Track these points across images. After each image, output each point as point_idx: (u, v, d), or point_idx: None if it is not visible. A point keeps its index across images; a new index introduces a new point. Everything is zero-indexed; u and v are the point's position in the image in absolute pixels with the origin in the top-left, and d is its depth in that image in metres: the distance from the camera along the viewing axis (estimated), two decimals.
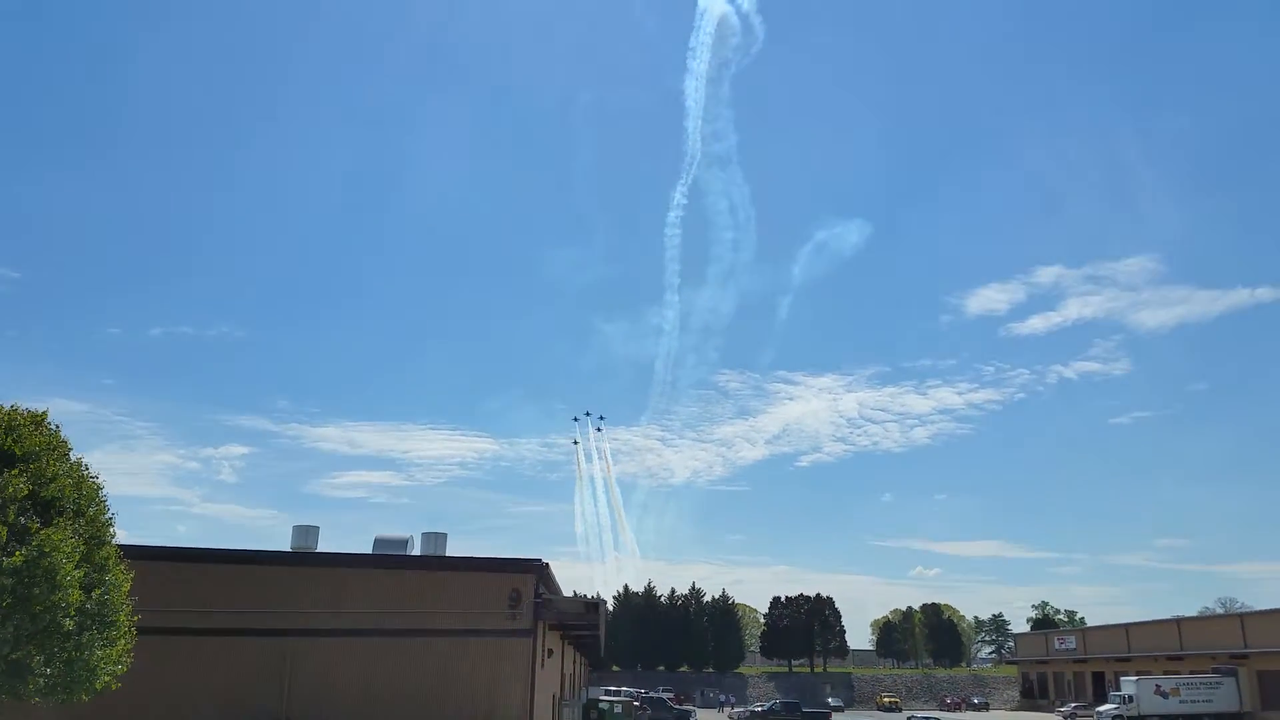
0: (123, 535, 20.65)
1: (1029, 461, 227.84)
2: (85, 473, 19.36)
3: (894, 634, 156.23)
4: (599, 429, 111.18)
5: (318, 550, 38.08)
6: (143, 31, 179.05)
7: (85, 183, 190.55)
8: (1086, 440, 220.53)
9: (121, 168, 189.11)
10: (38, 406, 18.11)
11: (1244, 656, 79.34)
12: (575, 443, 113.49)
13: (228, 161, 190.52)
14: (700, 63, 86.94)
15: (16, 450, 16.78)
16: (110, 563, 19.29)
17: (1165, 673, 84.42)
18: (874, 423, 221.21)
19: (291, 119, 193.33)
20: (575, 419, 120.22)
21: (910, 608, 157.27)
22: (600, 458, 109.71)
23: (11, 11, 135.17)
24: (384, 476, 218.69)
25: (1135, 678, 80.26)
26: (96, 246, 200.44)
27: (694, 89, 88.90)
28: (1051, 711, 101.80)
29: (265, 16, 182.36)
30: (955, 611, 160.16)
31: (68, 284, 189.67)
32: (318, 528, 39.01)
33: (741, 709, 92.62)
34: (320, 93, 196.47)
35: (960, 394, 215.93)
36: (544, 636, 37.11)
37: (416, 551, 38.61)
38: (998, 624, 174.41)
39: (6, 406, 18.22)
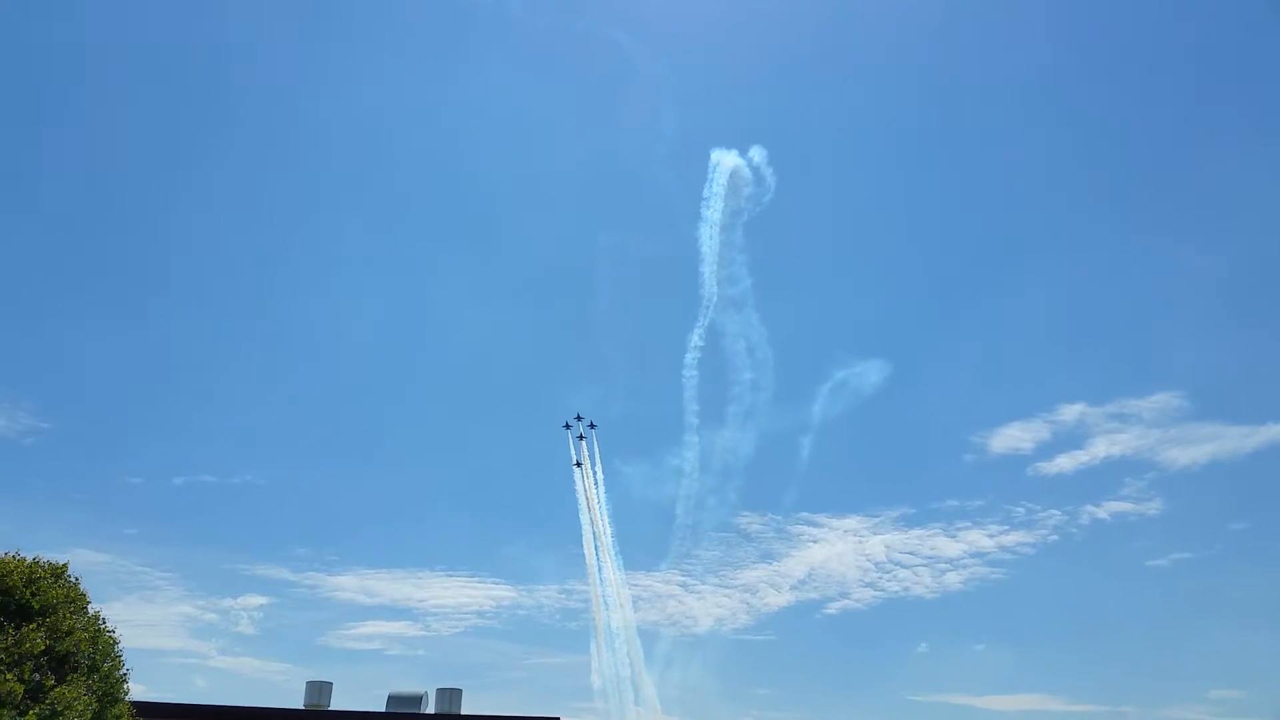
0: (140, 690, 20.26)
1: (1068, 607, 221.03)
2: (102, 626, 19.21)
3: None
4: (592, 427, 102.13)
5: (330, 709, 36.99)
6: (173, 182, 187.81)
7: (117, 327, 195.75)
8: (1125, 584, 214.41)
9: (153, 313, 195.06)
10: (59, 558, 18.19)
11: None
12: (577, 465, 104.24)
13: (254, 310, 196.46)
14: (714, 211, 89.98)
15: (35, 604, 16.74)
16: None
17: None
18: (904, 567, 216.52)
19: (316, 268, 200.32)
20: (566, 425, 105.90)
21: None
22: (601, 518, 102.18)
23: (45, 161, 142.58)
24: (400, 627, 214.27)
25: None
26: (125, 393, 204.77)
27: (708, 236, 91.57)
28: None
29: (294, 165, 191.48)
30: None
31: (95, 433, 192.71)
32: (331, 684, 38.00)
33: None
34: (345, 242, 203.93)
35: (991, 536, 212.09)
36: None
37: (431, 708, 37.42)
38: None
39: (28, 559, 18.29)
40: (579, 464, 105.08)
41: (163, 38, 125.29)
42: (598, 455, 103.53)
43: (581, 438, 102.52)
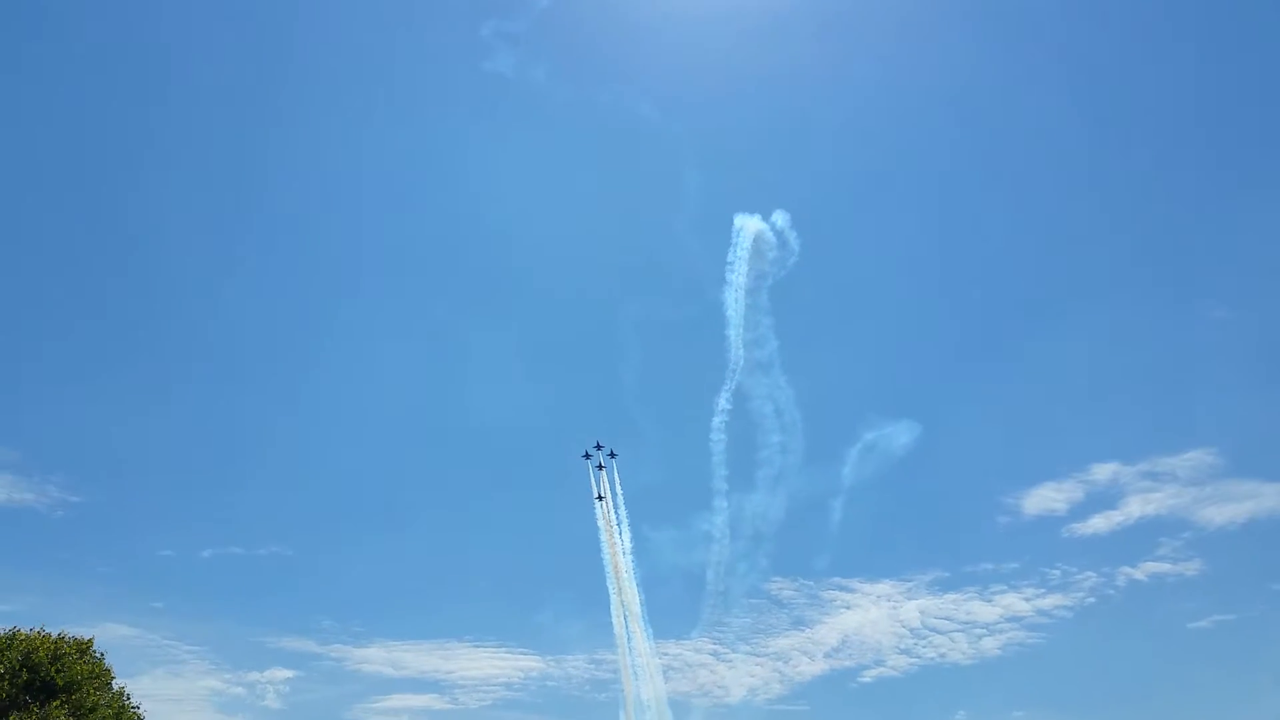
0: None
1: (1109, 672, 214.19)
2: (126, 702, 19.15)
3: None
4: (612, 456, 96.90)
5: None
6: (206, 255, 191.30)
7: (147, 399, 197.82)
8: (1166, 646, 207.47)
9: (181, 385, 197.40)
10: (86, 633, 18.22)
11: None
12: (599, 499, 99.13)
13: (283, 381, 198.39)
14: (739, 275, 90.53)
15: (59, 680, 16.72)
16: None
17: None
18: (939, 633, 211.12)
19: (346, 339, 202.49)
20: (585, 455, 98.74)
21: None
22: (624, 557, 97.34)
23: (83, 235, 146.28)
24: (427, 700, 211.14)
25: None
26: (155, 465, 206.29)
27: (734, 300, 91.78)
28: None
29: (326, 237, 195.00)
30: None
31: (124, 506, 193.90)
32: None
33: None
34: (376, 313, 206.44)
35: (1027, 600, 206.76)
36: None
37: None
38: None
39: (54, 635, 18.32)
40: (600, 497, 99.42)
41: (199, 114, 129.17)
42: (619, 487, 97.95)
43: (601, 467, 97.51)
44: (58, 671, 16.69)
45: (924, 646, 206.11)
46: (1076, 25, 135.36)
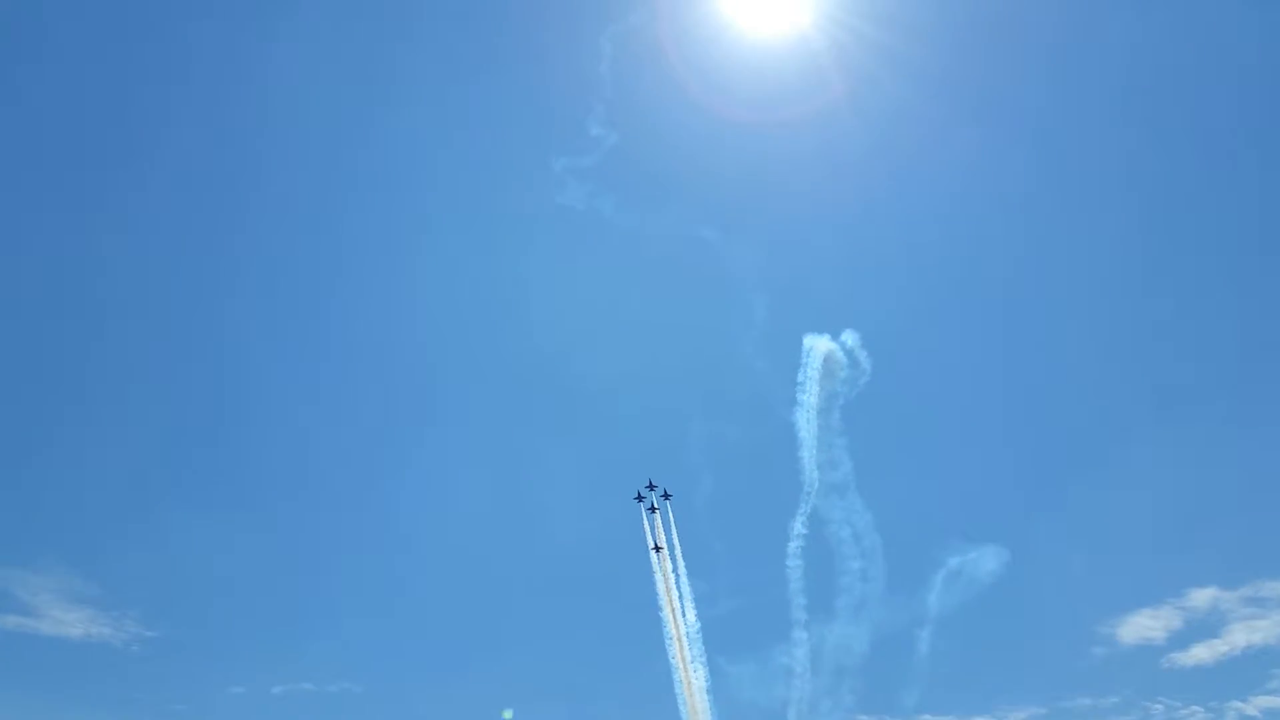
0: None
1: None
2: None
3: None
4: (666, 498, 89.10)
5: None
6: (287, 385, 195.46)
7: (224, 532, 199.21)
8: None
9: (256, 517, 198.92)
10: None
11: None
12: (656, 549, 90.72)
13: (357, 513, 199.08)
14: (810, 396, 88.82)
15: None
16: None
17: None
18: None
19: (421, 467, 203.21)
20: (638, 497, 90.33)
21: None
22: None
23: (168, 376, 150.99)
24: None
25: None
26: (230, 599, 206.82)
27: (806, 420, 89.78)
28: None
29: (402, 361, 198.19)
30: None
31: (199, 640, 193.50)
32: None
33: None
34: (450, 439, 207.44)
35: None
36: None
37: None
38: None
39: None
40: (658, 548, 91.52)
41: (276, 245, 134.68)
42: (675, 534, 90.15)
43: (654, 510, 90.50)
44: None
45: None
46: (1144, 135, 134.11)
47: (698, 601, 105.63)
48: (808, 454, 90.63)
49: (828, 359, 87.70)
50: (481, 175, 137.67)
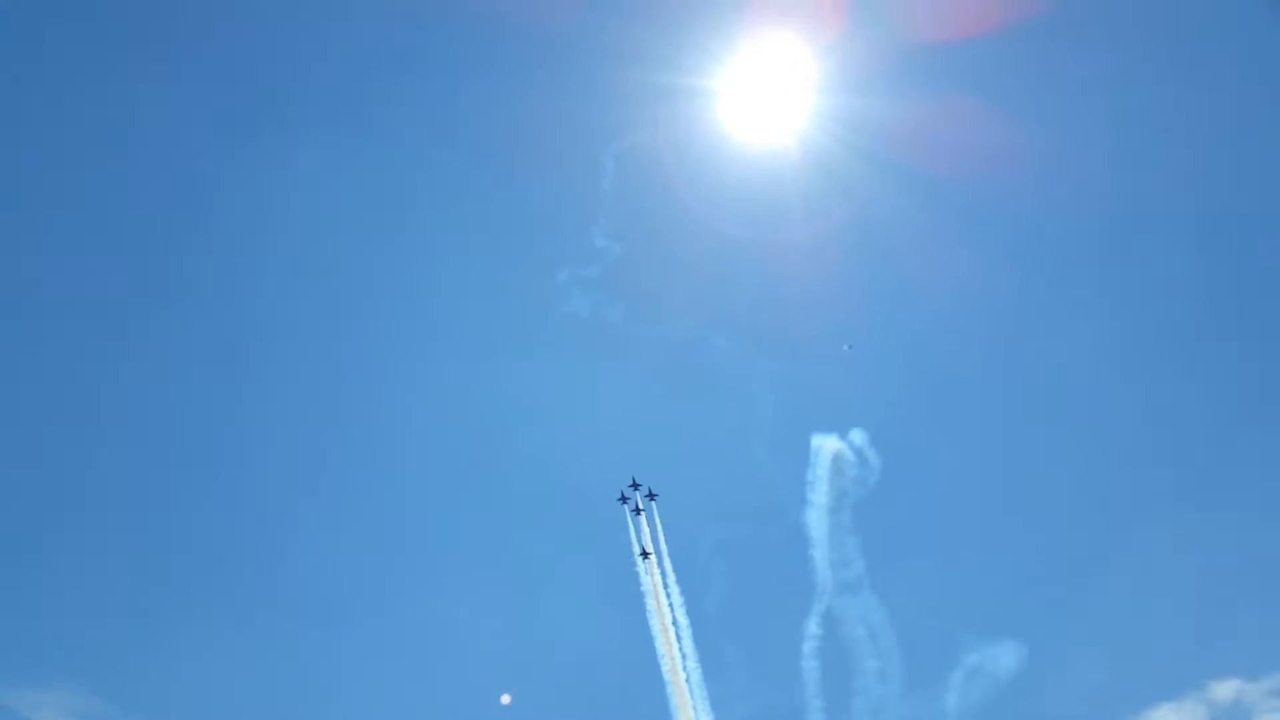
0: None
1: None
2: None
3: None
4: (651, 498, 79.62)
5: None
6: (287, 509, 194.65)
7: (228, 651, 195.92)
8: None
9: (262, 635, 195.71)
10: None
11: None
12: (644, 555, 79.46)
13: (364, 632, 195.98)
14: (820, 495, 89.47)
15: None
16: None
17: None
18: None
19: (429, 581, 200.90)
20: (621, 499, 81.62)
21: None
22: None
23: (173, 495, 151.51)
24: None
25: None
26: (236, 717, 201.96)
27: (816, 520, 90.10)
28: None
29: (408, 473, 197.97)
30: None
31: None
32: None
33: None
34: (457, 552, 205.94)
35: None
36: None
37: None
38: None
39: None
40: (645, 554, 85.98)
41: (284, 355, 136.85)
42: (662, 539, 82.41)
43: (639, 511, 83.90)
44: None
45: None
46: (1152, 233, 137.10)
47: (713, 706, 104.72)
48: (820, 553, 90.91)
49: (836, 458, 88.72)
50: (484, 287, 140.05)
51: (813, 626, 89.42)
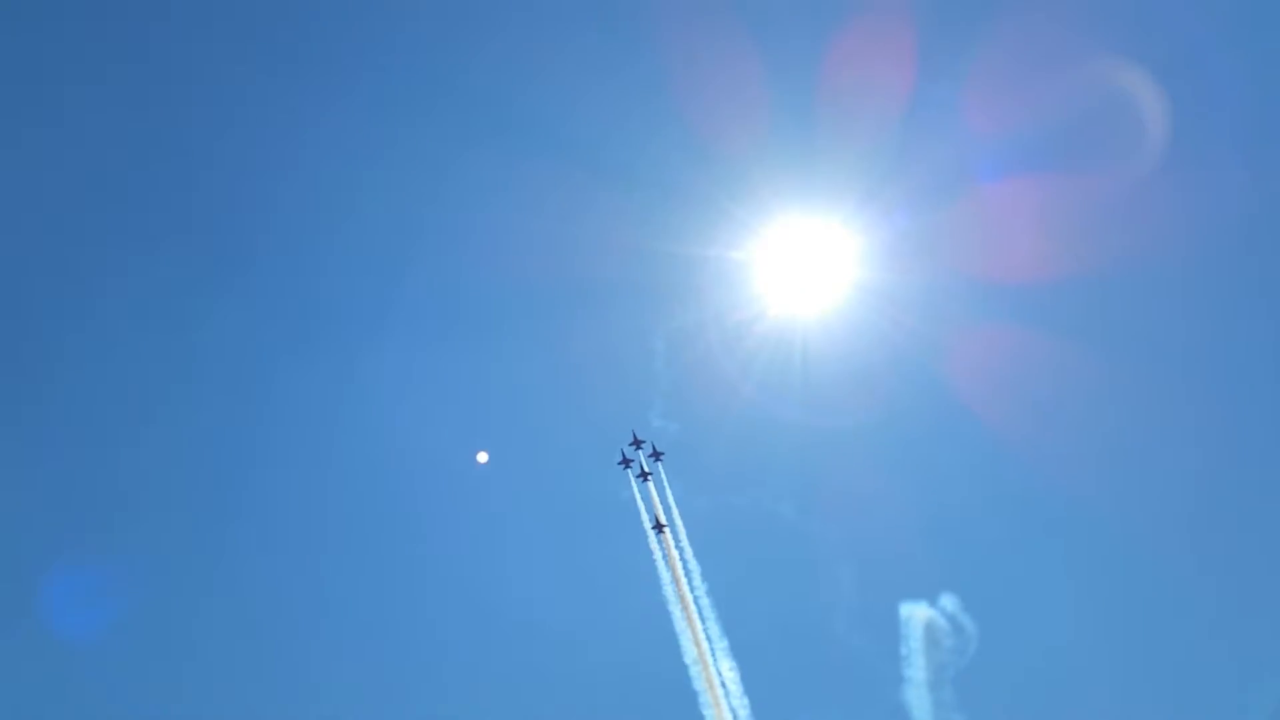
0: None
1: None
2: None
3: None
4: (657, 458, 64.04)
5: None
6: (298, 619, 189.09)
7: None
8: None
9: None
10: None
11: None
12: (658, 528, 63.35)
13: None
14: (917, 670, 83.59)
15: None
16: None
17: None
18: None
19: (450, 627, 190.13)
20: (623, 462, 65.08)
21: None
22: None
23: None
24: None
25: None
26: None
27: (917, 698, 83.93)
28: None
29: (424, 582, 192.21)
30: None
31: None
32: None
33: None
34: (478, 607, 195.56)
35: None
36: None
37: None
38: None
39: None
40: (660, 526, 72.33)
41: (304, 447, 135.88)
42: (673, 504, 66.45)
43: (646, 475, 69.71)
44: None
45: None
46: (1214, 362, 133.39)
47: None
48: None
49: (929, 627, 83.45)
50: (546, 474, 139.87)
51: None
